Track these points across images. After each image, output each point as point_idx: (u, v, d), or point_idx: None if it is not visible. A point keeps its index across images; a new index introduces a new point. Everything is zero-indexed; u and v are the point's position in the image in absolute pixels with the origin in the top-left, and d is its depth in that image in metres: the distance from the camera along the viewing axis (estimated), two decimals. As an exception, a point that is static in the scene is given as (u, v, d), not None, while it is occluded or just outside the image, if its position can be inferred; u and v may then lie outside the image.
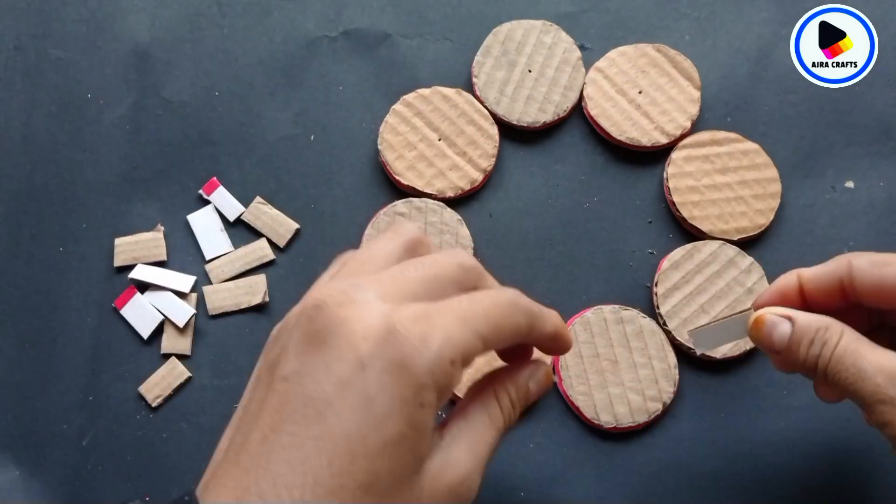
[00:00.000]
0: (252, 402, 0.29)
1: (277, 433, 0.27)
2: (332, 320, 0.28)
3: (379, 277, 0.30)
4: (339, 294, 0.28)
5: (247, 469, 0.27)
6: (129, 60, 0.49)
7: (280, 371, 0.28)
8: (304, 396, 0.27)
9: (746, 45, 0.48)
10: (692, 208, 0.46)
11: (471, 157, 0.47)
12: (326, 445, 0.26)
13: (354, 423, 0.26)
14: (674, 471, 0.44)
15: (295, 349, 0.28)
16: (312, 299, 0.29)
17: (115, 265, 0.46)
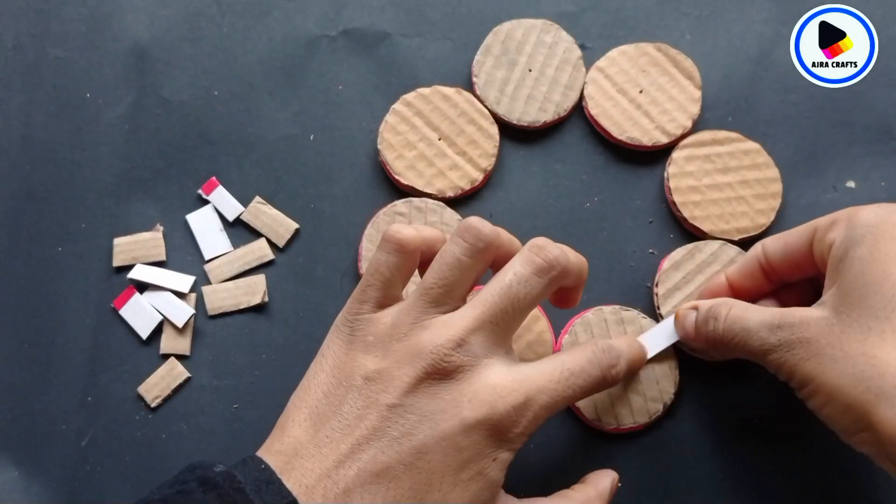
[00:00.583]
0: (347, 405, 0.34)
1: (370, 448, 0.32)
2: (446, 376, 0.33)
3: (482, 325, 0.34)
4: (454, 352, 0.33)
5: (336, 465, 0.32)
6: (128, 60, 0.49)
7: (384, 398, 0.33)
8: (402, 429, 0.33)
9: (747, 45, 0.48)
10: (693, 208, 0.46)
11: (471, 157, 0.46)
12: (412, 474, 0.32)
13: (440, 464, 0.32)
14: (674, 471, 0.44)
15: (405, 386, 0.33)
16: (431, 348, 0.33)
17: (114, 265, 0.46)
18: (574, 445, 0.44)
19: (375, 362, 0.34)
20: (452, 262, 0.35)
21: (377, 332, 0.35)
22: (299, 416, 0.34)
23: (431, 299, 0.35)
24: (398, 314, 0.35)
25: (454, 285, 0.35)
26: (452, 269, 0.35)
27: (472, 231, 0.35)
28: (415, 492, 0.32)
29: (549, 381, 0.34)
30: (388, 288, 0.36)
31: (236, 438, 0.45)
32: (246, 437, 0.45)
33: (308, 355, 0.45)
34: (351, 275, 0.46)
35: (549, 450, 0.44)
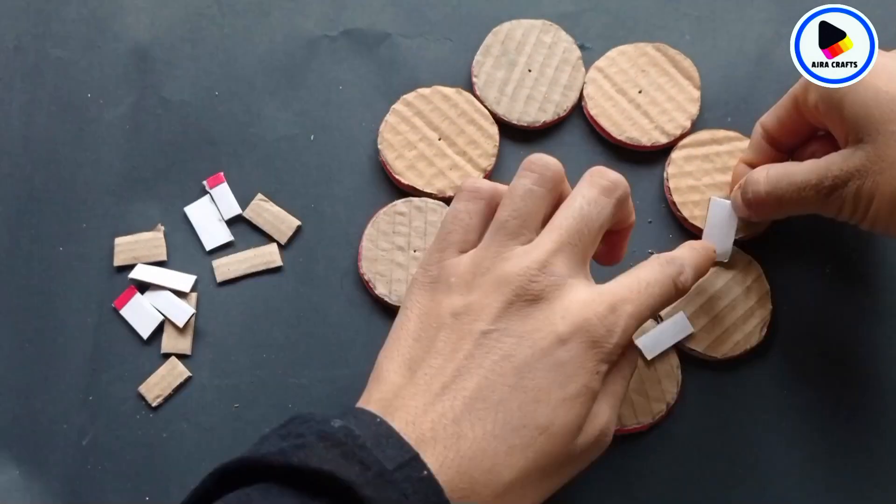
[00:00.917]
0: (439, 341, 0.34)
1: (472, 375, 0.33)
2: (535, 298, 0.34)
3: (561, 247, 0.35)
4: (541, 275, 0.34)
5: (440, 398, 0.32)
6: (129, 60, 0.49)
7: (477, 325, 0.34)
8: (502, 352, 0.33)
9: (747, 45, 0.49)
10: (692, 208, 0.46)
11: (471, 157, 0.47)
12: (518, 394, 0.32)
13: (545, 380, 0.33)
14: (675, 470, 0.44)
15: (496, 311, 0.34)
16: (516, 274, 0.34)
17: (115, 265, 0.46)
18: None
19: (461, 299, 0.35)
20: (524, 192, 0.36)
21: (459, 272, 0.36)
22: (392, 364, 0.35)
23: (508, 232, 0.36)
24: (477, 253, 0.36)
25: (528, 215, 0.36)
26: (525, 199, 0.36)
27: (538, 162, 0.37)
28: (523, 411, 0.32)
29: (631, 292, 0.35)
30: (467, 233, 0.37)
31: (237, 438, 0.45)
32: (247, 437, 0.45)
33: (308, 355, 0.45)
34: (351, 274, 0.46)
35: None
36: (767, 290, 0.45)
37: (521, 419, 0.32)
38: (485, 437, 0.31)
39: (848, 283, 0.46)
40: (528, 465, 0.32)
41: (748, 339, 0.44)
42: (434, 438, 0.31)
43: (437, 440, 0.31)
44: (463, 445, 0.31)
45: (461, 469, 0.31)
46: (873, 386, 0.45)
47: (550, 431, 0.33)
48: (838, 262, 0.46)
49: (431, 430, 0.31)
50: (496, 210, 0.37)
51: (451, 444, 0.31)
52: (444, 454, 0.31)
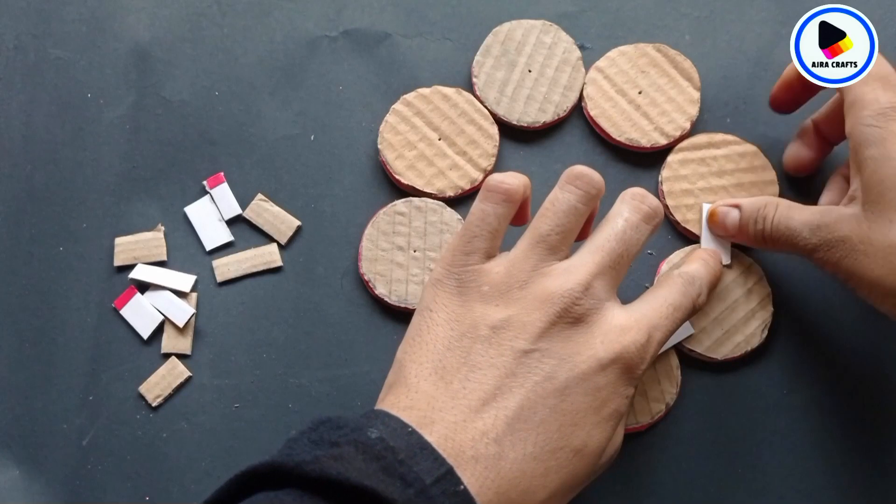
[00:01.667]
0: (477, 355, 0.33)
1: (513, 395, 0.33)
2: (578, 320, 0.34)
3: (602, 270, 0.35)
4: (583, 295, 0.34)
5: (480, 415, 0.32)
6: (129, 60, 0.49)
7: (518, 343, 0.33)
8: (542, 373, 0.33)
9: (746, 46, 0.48)
10: (686, 212, 0.46)
11: (471, 157, 0.47)
12: (558, 416, 0.33)
13: (583, 403, 0.33)
14: (674, 470, 0.44)
15: (538, 331, 0.34)
16: (561, 294, 0.34)
17: (115, 264, 0.46)
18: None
19: (499, 311, 0.34)
20: (568, 209, 0.36)
21: (492, 281, 0.35)
22: (421, 370, 0.34)
23: (549, 247, 0.36)
24: (513, 263, 0.36)
25: (569, 232, 0.36)
26: (569, 216, 0.36)
27: (585, 178, 0.37)
28: (562, 433, 0.32)
29: (661, 318, 0.36)
30: (494, 238, 0.37)
31: (237, 437, 0.45)
32: (247, 437, 0.45)
33: (308, 355, 0.45)
34: (351, 274, 0.46)
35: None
36: (769, 292, 0.45)
37: (559, 441, 0.32)
38: (525, 458, 0.32)
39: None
40: (559, 486, 0.33)
41: (749, 340, 0.44)
42: (475, 458, 0.31)
43: (479, 459, 0.31)
44: (504, 466, 0.31)
45: (500, 490, 0.31)
46: (873, 386, 0.45)
47: (583, 453, 0.33)
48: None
49: (472, 447, 0.31)
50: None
51: (491, 465, 0.31)
52: (485, 474, 0.31)
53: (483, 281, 0.35)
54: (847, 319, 0.46)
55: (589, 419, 0.33)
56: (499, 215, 0.37)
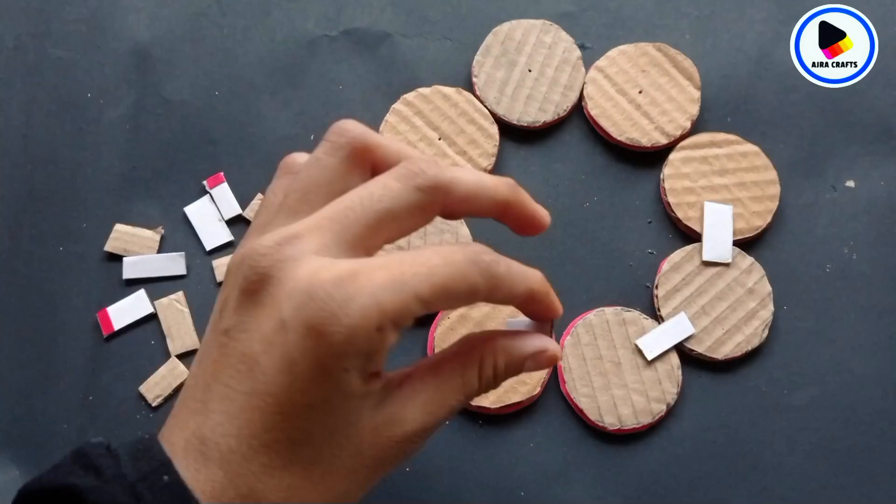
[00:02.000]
0: (203, 347, 0.29)
1: (217, 384, 0.28)
2: (264, 278, 0.27)
3: (319, 222, 0.28)
4: (274, 249, 0.27)
5: (193, 414, 0.28)
6: (129, 60, 0.49)
7: (221, 324, 0.28)
8: (238, 352, 0.27)
9: (747, 45, 0.48)
10: (687, 209, 0.46)
11: (471, 157, 0.47)
12: (257, 402, 0.27)
13: (279, 384, 0.27)
14: (676, 471, 0.44)
15: (234, 304, 0.28)
16: (249, 252, 0.28)
17: (105, 249, 0.46)
18: (577, 446, 0.44)
19: (221, 298, 0.30)
20: (311, 161, 0.30)
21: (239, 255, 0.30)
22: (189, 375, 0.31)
23: (287, 208, 0.30)
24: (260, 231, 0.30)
25: (309, 189, 0.30)
26: (309, 169, 0.30)
27: (335, 128, 0.31)
28: (267, 424, 0.27)
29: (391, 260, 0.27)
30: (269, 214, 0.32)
31: (237, 438, 0.45)
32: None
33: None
34: (351, 274, 0.46)
35: (551, 450, 0.44)
36: (770, 291, 0.45)
37: (268, 432, 0.27)
38: (233, 458, 0.27)
39: (848, 283, 0.46)
40: (297, 483, 0.28)
41: (749, 340, 0.44)
42: (186, 461, 0.27)
43: (190, 463, 0.27)
44: (212, 469, 0.27)
45: (215, 494, 0.27)
46: (873, 386, 0.45)
47: (313, 442, 0.28)
48: (839, 262, 0.46)
49: (184, 450, 0.28)
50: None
51: (201, 468, 0.27)
52: (196, 477, 0.27)
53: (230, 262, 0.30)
54: (848, 319, 0.46)
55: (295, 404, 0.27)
56: (275, 189, 0.32)
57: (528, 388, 0.43)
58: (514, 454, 0.44)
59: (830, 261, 0.46)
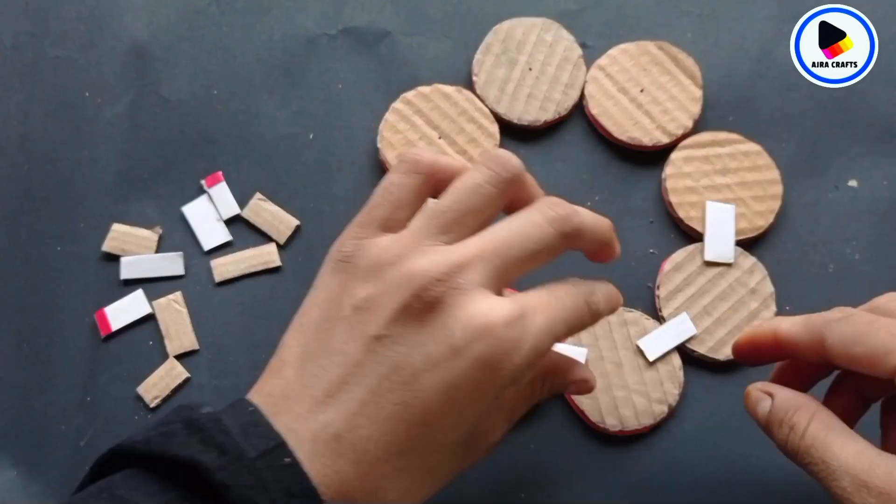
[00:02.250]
0: (335, 339, 0.31)
1: (358, 386, 0.29)
2: (435, 302, 0.30)
3: (482, 253, 0.31)
4: (447, 277, 0.30)
5: (324, 407, 0.29)
6: (128, 59, 0.49)
7: (370, 328, 0.30)
8: (391, 362, 0.29)
9: (749, 44, 0.48)
10: (689, 209, 0.45)
11: (471, 156, 0.46)
12: (406, 413, 0.29)
13: (435, 402, 0.29)
14: (677, 471, 0.44)
15: (392, 315, 0.30)
16: (421, 272, 0.30)
17: (103, 249, 0.46)
18: (578, 448, 0.44)
19: (366, 289, 0.31)
20: (472, 186, 0.32)
21: (372, 256, 0.31)
22: (291, 355, 0.32)
23: (440, 224, 0.32)
24: (400, 238, 0.32)
25: (468, 213, 0.32)
26: (470, 194, 0.32)
27: (498, 160, 0.33)
28: (412, 434, 0.29)
29: (541, 302, 0.31)
30: (395, 209, 0.33)
31: (236, 439, 0.44)
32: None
33: (308, 355, 0.45)
34: (351, 274, 0.46)
35: (553, 452, 0.44)
36: (772, 291, 0.45)
37: (410, 441, 0.29)
38: (367, 459, 0.29)
39: (850, 283, 0.46)
40: (415, 486, 0.31)
41: (750, 339, 0.44)
42: (314, 452, 0.29)
43: (317, 455, 0.29)
44: (343, 466, 0.29)
45: (340, 490, 0.29)
46: (876, 386, 0.45)
47: (443, 451, 0.31)
48: (842, 262, 0.46)
49: (311, 441, 0.29)
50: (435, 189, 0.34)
51: (329, 462, 0.29)
52: (323, 472, 0.28)
53: (365, 255, 0.32)
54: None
55: (446, 420, 0.30)
56: (402, 185, 0.33)
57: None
58: (515, 455, 0.44)
59: (833, 261, 0.46)
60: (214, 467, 0.27)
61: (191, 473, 0.27)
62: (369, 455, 0.29)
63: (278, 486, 0.27)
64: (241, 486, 0.27)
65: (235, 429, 0.28)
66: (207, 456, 0.27)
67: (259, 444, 0.28)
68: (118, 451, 0.29)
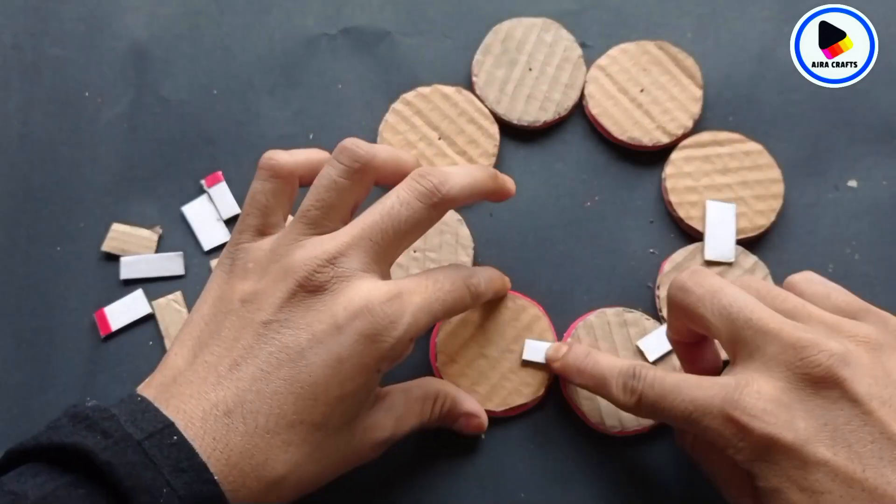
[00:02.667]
0: (225, 328, 0.33)
1: (249, 366, 0.32)
2: (319, 289, 0.33)
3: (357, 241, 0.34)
4: (329, 266, 0.33)
5: (214, 387, 0.32)
6: (127, 59, 0.49)
7: (259, 315, 0.33)
8: (279, 343, 0.32)
9: (749, 44, 0.48)
10: (689, 208, 0.45)
11: (471, 156, 0.46)
12: (293, 388, 0.32)
13: (322, 376, 0.32)
14: (678, 471, 0.44)
15: (279, 301, 0.33)
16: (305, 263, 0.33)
17: (102, 249, 0.46)
18: (578, 449, 0.44)
19: (252, 285, 0.34)
20: (329, 183, 0.35)
21: (256, 258, 0.35)
22: (181, 349, 0.34)
23: (309, 221, 0.35)
24: (277, 238, 0.35)
25: (331, 207, 0.35)
26: (329, 190, 0.35)
27: (346, 152, 0.36)
28: (298, 407, 0.32)
29: (419, 286, 0.35)
30: (265, 216, 0.36)
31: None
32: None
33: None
34: (351, 274, 0.46)
35: (553, 454, 0.44)
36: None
37: (297, 414, 0.32)
38: (257, 431, 0.31)
39: (850, 283, 0.45)
40: (302, 460, 0.32)
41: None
42: (204, 429, 0.30)
43: (207, 431, 0.30)
44: (233, 439, 0.31)
45: (230, 462, 0.30)
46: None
47: (328, 428, 0.33)
48: (842, 262, 0.46)
49: (202, 419, 0.31)
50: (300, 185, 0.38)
51: (220, 437, 0.31)
52: (214, 446, 0.30)
53: (249, 258, 0.35)
54: (850, 319, 0.45)
55: (331, 393, 0.32)
56: (266, 191, 0.37)
57: (532, 389, 0.43)
58: (515, 455, 0.44)
59: (833, 261, 0.46)
60: (98, 449, 0.28)
61: (78, 459, 0.29)
62: (259, 428, 0.31)
63: (167, 462, 0.29)
64: (126, 464, 0.28)
65: (123, 416, 0.30)
66: (92, 440, 0.29)
67: (146, 427, 0.30)
68: (11, 454, 0.30)
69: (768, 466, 0.31)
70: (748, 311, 0.33)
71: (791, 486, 0.31)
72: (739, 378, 0.32)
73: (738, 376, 0.32)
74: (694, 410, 0.33)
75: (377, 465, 0.38)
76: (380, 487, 0.42)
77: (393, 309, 0.33)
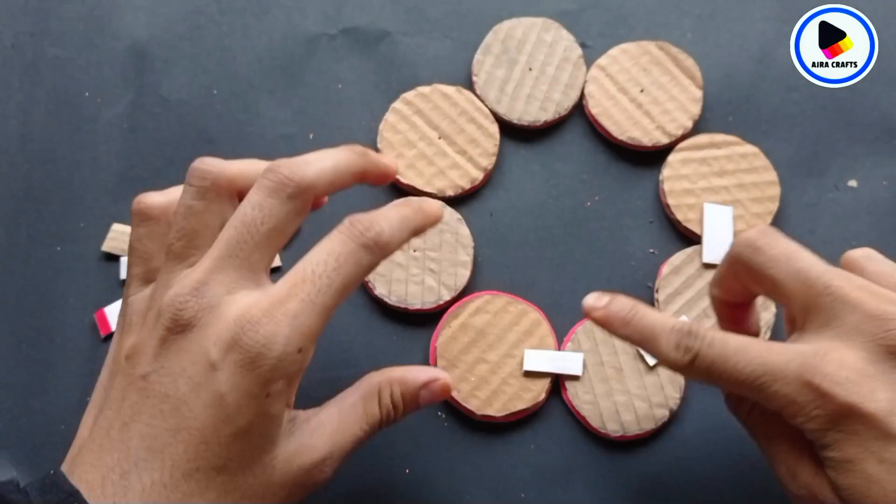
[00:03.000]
0: (114, 389, 0.32)
1: (137, 423, 0.30)
2: (185, 327, 0.31)
3: (218, 263, 0.31)
4: (191, 300, 0.31)
5: (110, 451, 0.30)
6: (127, 59, 0.49)
7: (139, 369, 0.31)
8: (160, 394, 0.30)
9: (749, 44, 0.48)
10: (687, 211, 0.45)
11: (471, 156, 0.46)
12: (182, 436, 0.30)
13: (207, 417, 0.30)
14: (678, 475, 0.44)
15: (153, 351, 0.31)
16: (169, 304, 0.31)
17: (102, 249, 0.46)
18: (580, 453, 0.44)
19: (133, 339, 0.32)
20: (184, 210, 0.33)
21: (138, 310, 0.33)
22: (88, 417, 0.34)
23: (175, 255, 0.33)
24: (155, 286, 0.33)
25: (194, 234, 0.33)
26: (186, 217, 0.33)
27: (194, 172, 0.33)
28: (190, 455, 0.30)
29: (295, 285, 0.31)
30: (146, 262, 0.35)
31: (235, 439, 0.44)
32: (245, 438, 0.44)
33: (307, 355, 0.45)
34: (351, 274, 0.46)
35: (554, 458, 0.44)
36: (772, 291, 0.45)
37: (191, 462, 0.30)
38: (154, 487, 0.30)
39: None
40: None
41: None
42: (104, 494, 0.29)
43: (107, 496, 0.29)
44: (132, 499, 0.29)
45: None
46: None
47: (230, 469, 0.31)
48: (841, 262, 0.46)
49: (101, 486, 0.30)
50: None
51: (120, 499, 0.29)
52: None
53: (133, 311, 0.34)
54: (849, 319, 0.45)
55: (222, 433, 0.30)
56: (141, 237, 0.35)
57: (533, 394, 0.43)
58: (516, 457, 0.44)
59: (833, 261, 0.46)
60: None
61: None
62: (156, 483, 0.30)
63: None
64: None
65: (34, 490, 0.30)
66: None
67: (52, 498, 0.29)
68: None
69: (845, 436, 0.30)
70: (827, 277, 0.32)
71: (869, 456, 0.29)
72: (818, 345, 0.31)
73: (816, 343, 0.31)
74: (763, 374, 0.31)
75: (376, 465, 0.38)
76: (380, 488, 0.43)
77: (265, 329, 0.30)
